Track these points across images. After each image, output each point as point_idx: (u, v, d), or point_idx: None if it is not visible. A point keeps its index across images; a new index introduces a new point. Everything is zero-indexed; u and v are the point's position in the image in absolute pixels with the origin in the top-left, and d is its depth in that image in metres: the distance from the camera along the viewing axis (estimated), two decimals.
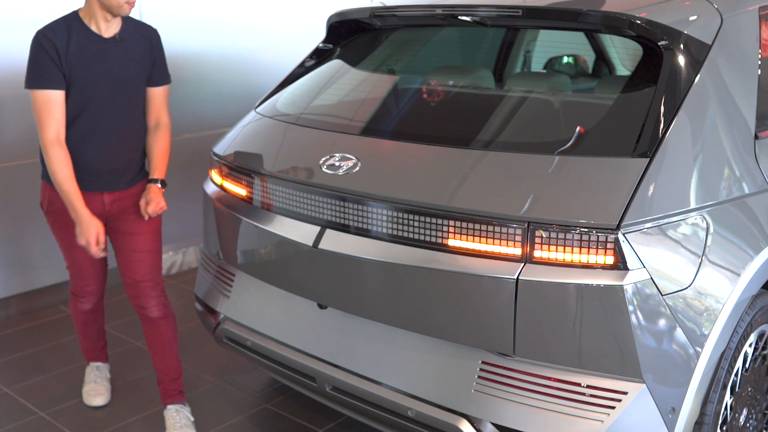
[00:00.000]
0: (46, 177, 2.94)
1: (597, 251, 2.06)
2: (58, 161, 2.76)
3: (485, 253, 2.19)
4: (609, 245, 2.04)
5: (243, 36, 5.07)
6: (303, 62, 3.28)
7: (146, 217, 2.95)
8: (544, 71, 3.55)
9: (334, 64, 3.20)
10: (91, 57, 2.79)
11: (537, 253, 2.11)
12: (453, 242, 2.24)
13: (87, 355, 3.41)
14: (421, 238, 2.29)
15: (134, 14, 4.17)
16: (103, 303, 3.25)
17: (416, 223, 2.30)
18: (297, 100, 3.06)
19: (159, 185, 2.96)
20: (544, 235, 2.10)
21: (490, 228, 2.17)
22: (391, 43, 3.21)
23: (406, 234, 2.32)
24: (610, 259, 2.05)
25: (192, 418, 3.11)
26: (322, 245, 2.48)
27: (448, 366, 2.34)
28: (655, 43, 2.38)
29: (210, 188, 3.05)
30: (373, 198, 2.38)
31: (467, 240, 2.21)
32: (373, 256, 2.37)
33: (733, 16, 2.51)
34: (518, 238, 2.13)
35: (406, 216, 2.31)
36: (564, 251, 2.09)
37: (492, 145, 2.38)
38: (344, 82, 3.10)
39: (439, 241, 2.26)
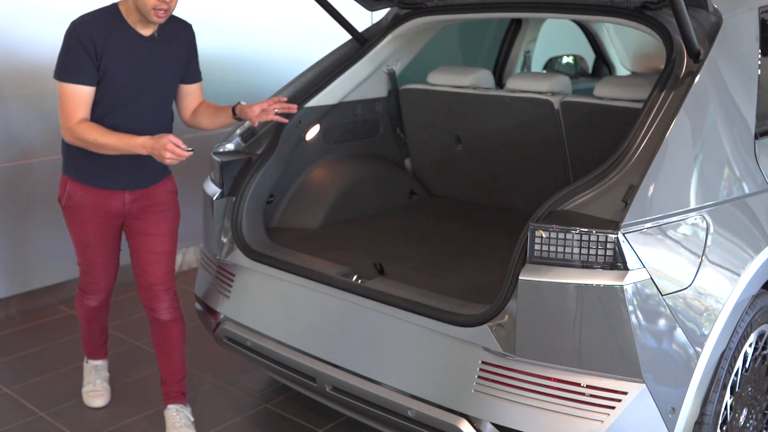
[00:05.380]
0: (67, 170, 2.88)
1: (597, 250, 2.06)
2: (91, 130, 2.65)
3: None
4: (609, 245, 2.04)
5: (244, 37, 5.06)
6: None
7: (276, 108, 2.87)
8: None
9: None
10: (127, 55, 2.70)
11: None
12: None
13: (87, 350, 3.40)
14: None
15: None
16: (109, 300, 3.23)
17: None
18: None
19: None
20: (543, 236, 2.10)
21: None
22: None
23: None
24: (610, 259, 2.05)
25: (192, 418, 3.11)
26: None
27: (448, 366, 2.34)
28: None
29: None
30: None
31: None
32: None
33: (733, 16, 2.51)
34: None
35: None
36: (563, 250, 2.09)
37: None
38: None
39: None
